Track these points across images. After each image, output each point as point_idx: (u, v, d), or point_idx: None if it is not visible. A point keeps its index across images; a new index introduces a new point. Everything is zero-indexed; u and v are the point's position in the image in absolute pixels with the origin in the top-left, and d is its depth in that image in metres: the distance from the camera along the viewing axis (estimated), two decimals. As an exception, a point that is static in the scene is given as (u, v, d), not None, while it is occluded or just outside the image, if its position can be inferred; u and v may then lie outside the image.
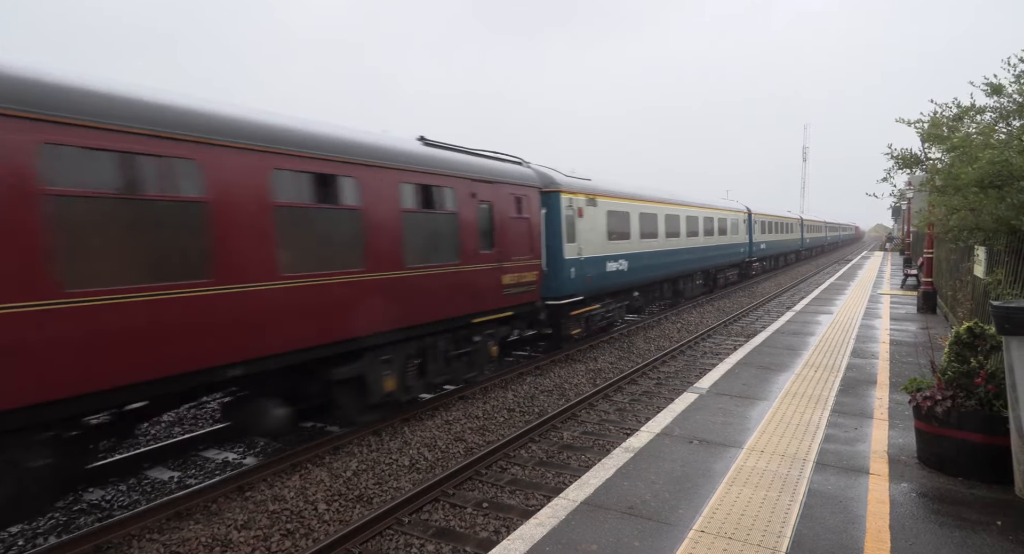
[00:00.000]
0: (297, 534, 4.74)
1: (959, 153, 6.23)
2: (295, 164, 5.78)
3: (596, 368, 10.04)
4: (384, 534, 4.75)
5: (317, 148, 6.00)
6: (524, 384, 8.93)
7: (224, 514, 5.03)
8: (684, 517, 3.77)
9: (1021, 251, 6.11)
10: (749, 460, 4.67)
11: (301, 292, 5.74)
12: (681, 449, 4.93)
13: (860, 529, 3.58)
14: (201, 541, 4.53)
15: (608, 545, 3.45)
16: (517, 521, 4.83)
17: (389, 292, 6.75)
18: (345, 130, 6.62)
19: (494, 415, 7.56)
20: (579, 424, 7.35)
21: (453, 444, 6.61)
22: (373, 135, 7.03)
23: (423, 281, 7.27)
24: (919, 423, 4.54)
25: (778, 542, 3.44)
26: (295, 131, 5.88)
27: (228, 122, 5.27)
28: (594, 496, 4.08)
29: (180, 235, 4.90)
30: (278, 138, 5.64)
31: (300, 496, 5.26)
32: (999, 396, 4.12)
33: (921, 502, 3.93)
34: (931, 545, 3.39)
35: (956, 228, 7.85)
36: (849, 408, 5.99)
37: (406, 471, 5.94)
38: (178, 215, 4.88)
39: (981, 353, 4.35)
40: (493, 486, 5.63)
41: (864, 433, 5.25)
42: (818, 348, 9.00)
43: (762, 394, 6.53)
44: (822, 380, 7.09)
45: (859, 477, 4.33)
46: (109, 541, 4.63)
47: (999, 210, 5.53)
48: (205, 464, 6.26)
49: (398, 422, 7.20)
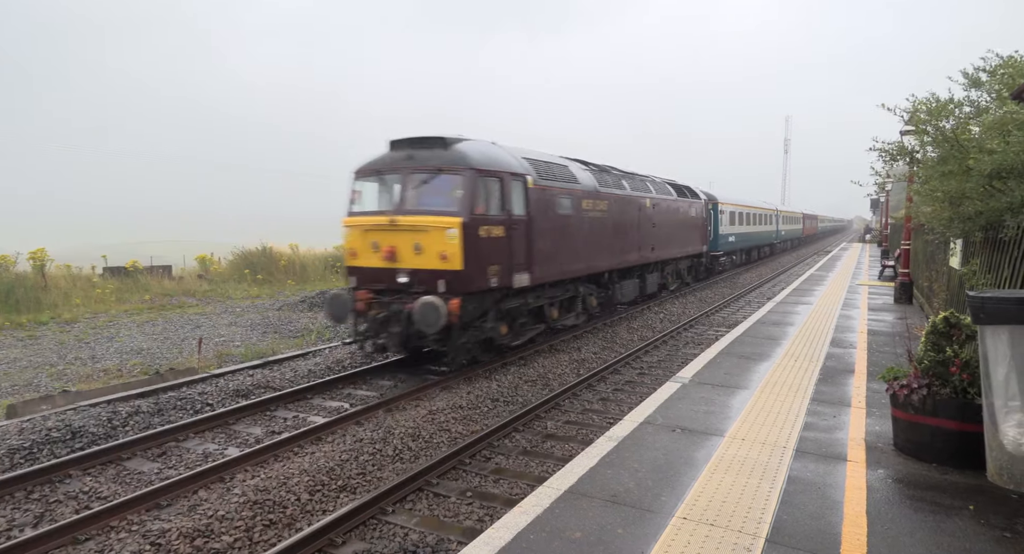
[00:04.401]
0: (280, 524, 4.71)
1: (952, 147, 6.29)
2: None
3: (580, 358, 10.09)
4: (368, 523, 4.75)
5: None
6: (508, 374, 8.95)
7: (205, 505, 4.99)
8: (667, 504, 3.81)
9: (997, 242, 6.23)
10: (730, 448, 4.73)
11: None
12: (664, 438, 4.98)
13: (838, 514, 3.64)
14: (182, 532, 4.48)
15: (592, 532, 3.48)
16: (501, 510, 4.85)
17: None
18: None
19: (479, 405, 7.57)
20: (563, 414, 7.39)
21: (437, 434, 6.61)
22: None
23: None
24: (896, 411, 4.63)
25: (758, 527, 3.49)
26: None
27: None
28: (578, 484, 4.11)
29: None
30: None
31: (282, 486, 5.22)
32: (973, 384, 4.21)
33: (897, 488, 4.02)
34: (906, 529, 3.47)
35: (940, 218, 7.97)
36: (828, 397, 6.08)
37: (390, 461, 5.93)
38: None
39: (957, 342, 4.43)
40: (477, 476, 5.65)
41: (842, 421, 5.35)
42: (798, 338, 9.12)
43: (743, 383, 6.61)
44: (802, 369, 7.20)
45: (837, 464, 4.41)
46: (87, 533, 4.58)
47: (997, 202, 5.59)
48: (185, 455, 6.20)
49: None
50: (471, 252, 8.16)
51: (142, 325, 13.71)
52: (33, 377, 9.30)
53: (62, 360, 10.40)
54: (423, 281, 8.28)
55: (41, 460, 5.96)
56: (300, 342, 11.84)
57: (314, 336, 12.38)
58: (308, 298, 17.04)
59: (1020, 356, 3.70)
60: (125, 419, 6.98)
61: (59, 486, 5.45)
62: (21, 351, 11.08)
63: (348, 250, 9.05)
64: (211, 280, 21.11)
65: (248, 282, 21.08)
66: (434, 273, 8.21)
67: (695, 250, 19.24)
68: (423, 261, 8.27)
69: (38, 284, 15.96)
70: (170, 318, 14.70)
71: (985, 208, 5.98)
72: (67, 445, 6.29)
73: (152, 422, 7.02)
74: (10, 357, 10.57)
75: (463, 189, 8.27)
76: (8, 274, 15.93)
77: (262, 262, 22.26)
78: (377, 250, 8.51)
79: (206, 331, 12.89)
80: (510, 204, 8.99)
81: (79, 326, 13.60)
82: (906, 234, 13.92)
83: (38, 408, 7.49)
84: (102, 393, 8.06)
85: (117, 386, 8.47)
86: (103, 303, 16.43)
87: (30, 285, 15.69)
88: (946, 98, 6.97)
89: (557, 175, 10.62)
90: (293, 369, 9.26)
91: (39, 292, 15.66)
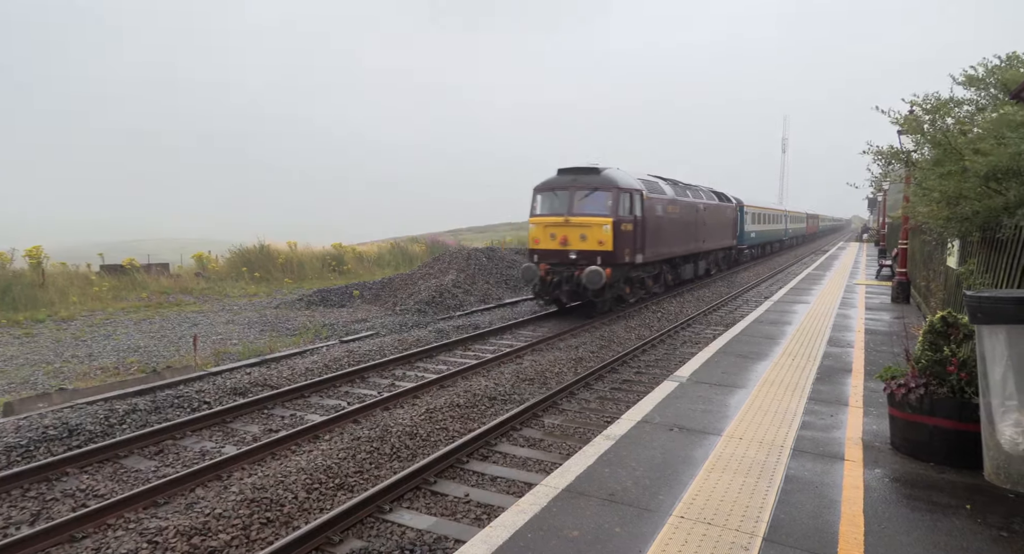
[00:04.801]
0: (277, 522, 4.71)
1: (949, 148, 6.30)
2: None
3: (577, 357, 10.10)
4: (365, 522, 4.75)
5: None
6: (505, 373, 8.95)
7: (202, 503, 4.98)
8: (664, 503, 3.81)
9: (994, 242, 6.24)
10: (728, 447, 4.74)
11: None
12: (661, 436, 4.99)
13: (835, 513, 3.65)
14: (179, 530, 4.48)
15: (590, 531, 3.48)
16: (499, 508, 4.86)
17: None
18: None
19: (476, 404, 7.57)
20: (560, 412, 7.39)
21: (435, 432, 6.61)
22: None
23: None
24: (893, 410, 4.64)
25: (756, 526, 3.50)
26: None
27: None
28: (576, 483, 4.11)
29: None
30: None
31: (279, 484, 5.22)
32: (971, 383, 4.22)
33: (894, 487, 4.02)
34: (903, 528, 3.47)
35: (937, 218, 7.98)
36: (825, 396, 6.09)
37: (387, 459, 5.93)
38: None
39: (954, 342, 4.44)
40: (475, 474, 5.65)
41: (840, 420, 5.35)
42: (795, 337, 9.13)
43: (741, 382, 6.62)
44: (799, 368, 7.21)
45: (834, 463, 4.41)
46: (84, 531, 4.57)
47: (994, 202, 5.60)
48: (182, 453, 6.19)
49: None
50: (616, 239, 13.19)
51: (139, 323, 13.68)
52: (30, 375, 9.27)
53: (59, 358, 10.37)
54: (586, 258, 13.19)
55: (38, 458, 5.94)
56: (297, 340, 11.82)
57: (311, 334, 12.37)
58: (305, 296, 17.00)
59: (1017, 356, 3.71)
60: (122, 417, 6.97)
61: (56, 484, 5.44)
62: (18, 349, 11.04)
63: (532, 238, 14.06)
64: (208, 278, 21.06)
65: (245, 280, 21.04)
66: (594, 253, 13.16)
67: (728, 243, 24.48)
68: (586, 245, 13.22)
69: (35, 281, 15.91)
70: (167, 316, 14.67)
71: (982, 208, 6.00)
72: (64, 443, 6.27)
73: (149, 420, 7.01)
74: (7, 355, 10.54)
75: (611, 200, 13.37)
76: (5, 271, 15.88)
77: (259, 260, 22.21)
78: (554, 238, 13.57)
79: (203, 329, 12.86)
80: (635, 209, 14.00)
81: (76, 324, 13.57)
82: (903, 234, 13.95)
83: (35, 406, 7.47)
84: (99, 391, 8.04)
85: (114, 384, 8.45)
86: (100, 301, 16.39)
87: (27, 282, 15.64)
88: (947, 96, 6.99)
89: (655, 189, 15.66)
90: (290, 367, 9.25)
91: (36, 290, 15.60)
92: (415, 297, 15.81)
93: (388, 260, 25.84)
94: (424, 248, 27.95)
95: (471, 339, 11.40)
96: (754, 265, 30.26)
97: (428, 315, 14.37)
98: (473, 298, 16.49)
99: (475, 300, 16.40)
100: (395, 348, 10.60)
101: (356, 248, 26.59)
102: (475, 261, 19.54)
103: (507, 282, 19.08)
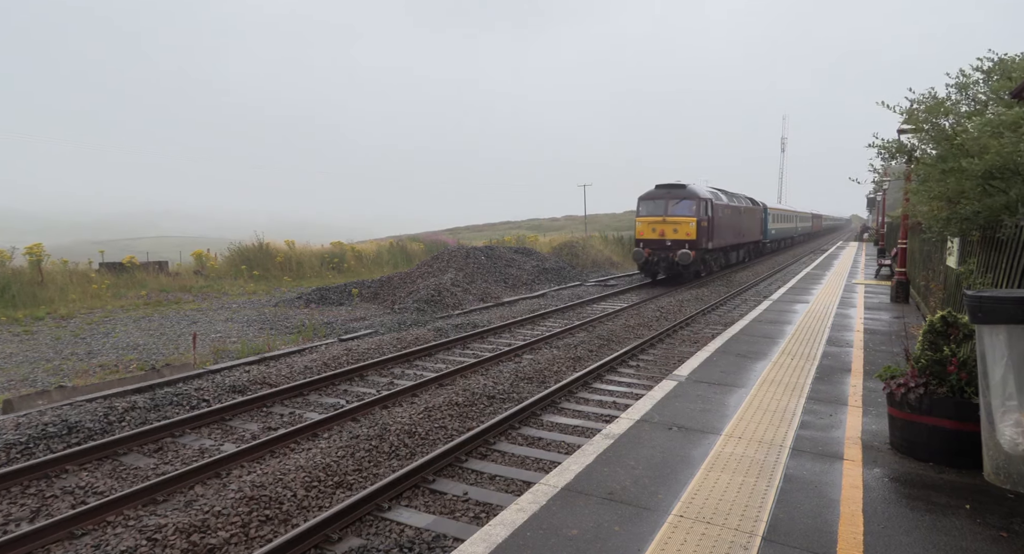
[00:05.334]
0: (276, 520, 4.71)
1: (951, 146, 6.29)
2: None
3: (575, 355, 10.10)
4: (364, 520, 4.75)
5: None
6: (505, 371, 8.95)
7: (201, 500, 4.98)
8: (663, 502, 3.81)
9: (994, 242, 6.24)
10: (727, 446, 4.74)
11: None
12: (660, 435, 4.99)
13: (834, 513, 3.65)
14: (178, 527, 4.48)
15: (589, 530, 3.48)
16: (498, 507, 4.86)
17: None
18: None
19: (475, 402, 7.57)
20: (559, 411, 7.39)
21: (434, 431, 6.61)
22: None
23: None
24: (892, 410, 4.64)
25: (755, 526, 3.50)
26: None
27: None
28: (575, 482, 4.11)
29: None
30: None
31: (278, 482, 5.22)
32: (970, 383, 4.22)
33: (893, 487, 4.03)
34: (903, 528, 3.47)
35: (937, 217, 7.98)
36: (824, 395, 6.09)
37: (386, 458, 5.93)
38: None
39: (954, 341, 4.44)
40: (473, 472, 5.65)
41: (839, 420, 5.36)
42: (795, 337, 9.14)
43: (740, 382, 6.62)
44: (798, 368, 7.21)
45: (834, 463, 4.41)
46: (83, 527, 4.57)
47: (994, 201, 5.59)
48: (181, 450, 6.19)
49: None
50: (698, 232, 19.68)
51: (138, 321, 13.67)
52: (29, 372, 9.27)
53: (58, 355, 10.37)
54: (678, 245, 19.66)
55: (37, 455, 5.94)
56: (296, 338, 11.82)
57: (310, 332, 12.36)
58: (304, 294, 17.00)
59: (1017, 355, 3.70)
60: (121, 414, 6.96)
61: (55, 481, 5.44)
62: (17, 346, 11.03)
63: (638, 231, 20.55)
64: (207, 276, 21.06)
65: (244, 278, 21.03)
66: (684, 241, 19.67)
67: (757, 238, 31.03)
68: (678, 236, 19.77)
69: (34, 279, 15.90)
70: (166, 314, 14.66)
71: (982, 207, 5.99)
72: (63, 440, 6.27)
73: (148, 418, 7.01)
74: (6, 352, 10.54)
75: (695, 206, 19.98)
76: (4, 269, 15.87)
77: (258, 258, 22.20)
78: (655, 231, 20.09)
79: (202, 327, 12.86)
80: (708, 211, 20.50)
81: (75, 321, 13.56)
82: (903, 233, 13.94)
83: (34, 403, 7.47)
84: (98, 388, 8.04)
85: (113, 381, 8.44)
86: (99, 299, 16.38)
87: (26, 280, 15.64)
88: (942, 96, 6.98)
89: (717, 197, 22.23)
90: (289, 365, 9.24)
91: (35, 287, 15.60)
92: (414, 296, 15.81)
93: (387, 259, 25.86)
94: (423, 247, 27.97)
95: (470, 338, 11.40)
96: (771, 256, 37.21)
97: (427, 314, 14.38)
98: (472, 297, 16.49)
99: (474, 299, 16.41)
100: (394, 346, 10.60)
101: (355, 246, 26.61)
102: (474, 260, 19.56)
103: (506, 281, 19.09)
